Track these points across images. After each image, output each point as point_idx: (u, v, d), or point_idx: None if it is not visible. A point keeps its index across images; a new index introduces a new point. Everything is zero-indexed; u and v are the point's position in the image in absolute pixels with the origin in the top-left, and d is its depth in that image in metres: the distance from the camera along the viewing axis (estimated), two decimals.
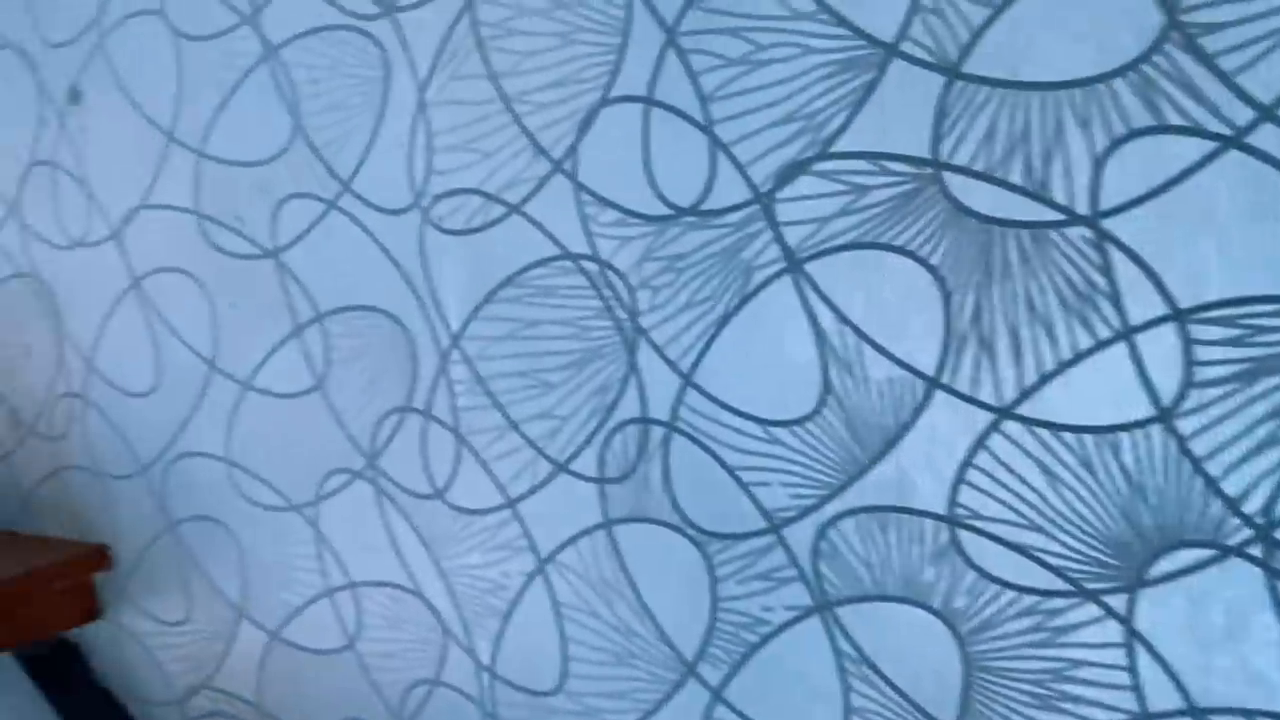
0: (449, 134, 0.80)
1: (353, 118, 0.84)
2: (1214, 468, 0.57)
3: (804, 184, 0.68)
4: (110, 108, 0.96)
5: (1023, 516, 0.64)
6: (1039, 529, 0.63)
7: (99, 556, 1.04)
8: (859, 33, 0.65)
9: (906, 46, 0.63)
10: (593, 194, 0.75)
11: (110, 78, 0.96)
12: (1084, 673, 0.63)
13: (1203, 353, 0.57)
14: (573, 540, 0.79)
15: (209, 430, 0.96)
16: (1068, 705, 0.63)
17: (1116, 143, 0.58)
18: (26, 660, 1.05)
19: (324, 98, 0.85)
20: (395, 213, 0.83)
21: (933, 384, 0.65)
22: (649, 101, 0.72)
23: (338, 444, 0.89)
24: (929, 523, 0.66)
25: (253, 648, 0.96)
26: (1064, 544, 0.63)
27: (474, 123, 0.79)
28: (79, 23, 0.97)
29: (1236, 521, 0.57)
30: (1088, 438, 0.61)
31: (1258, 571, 0.57)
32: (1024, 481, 0.63)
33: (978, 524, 0.65)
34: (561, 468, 0.79)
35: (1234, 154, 0.55)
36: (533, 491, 0.80)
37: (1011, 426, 0.63)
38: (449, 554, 0.84)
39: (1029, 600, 0.64)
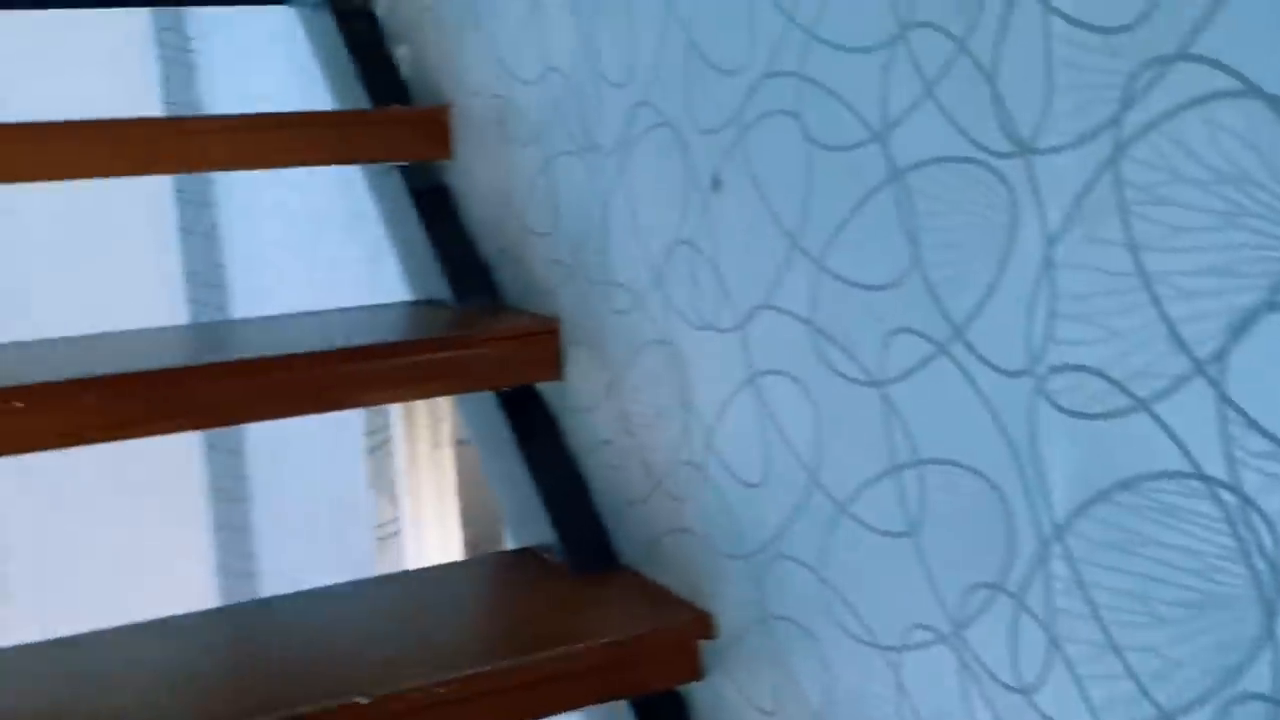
0: (1075, 301, 0.68)
1: (972, 259, 0.75)
2: None
3: None
4: (744, 202, 0.95)
5: None
6: None
7: (705, 625, 1.07)
8: None
9: None
10: (1241, 412, 0.60)
11: (746, 171, 0.95)
12: None
13: None
14: None
15: (806, 540, 0.93)
16: None
17: None
18: (636, 708, 1.12)
19: (944, 232, 0.77)
20: (1008, 374, 0.74)
21: None
22: None
23: (924, 599, 0.82)
24: None
25: None
26: None
27: (1105, 294, 0.67)
28: (725, 112, 0.96)
29: None
30: None
31: None
32: None
33: None
34: None
35: None
36: None
37: None
38: None
39: None
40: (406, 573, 1.27)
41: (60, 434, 1.10)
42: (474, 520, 2.26)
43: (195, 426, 1.18)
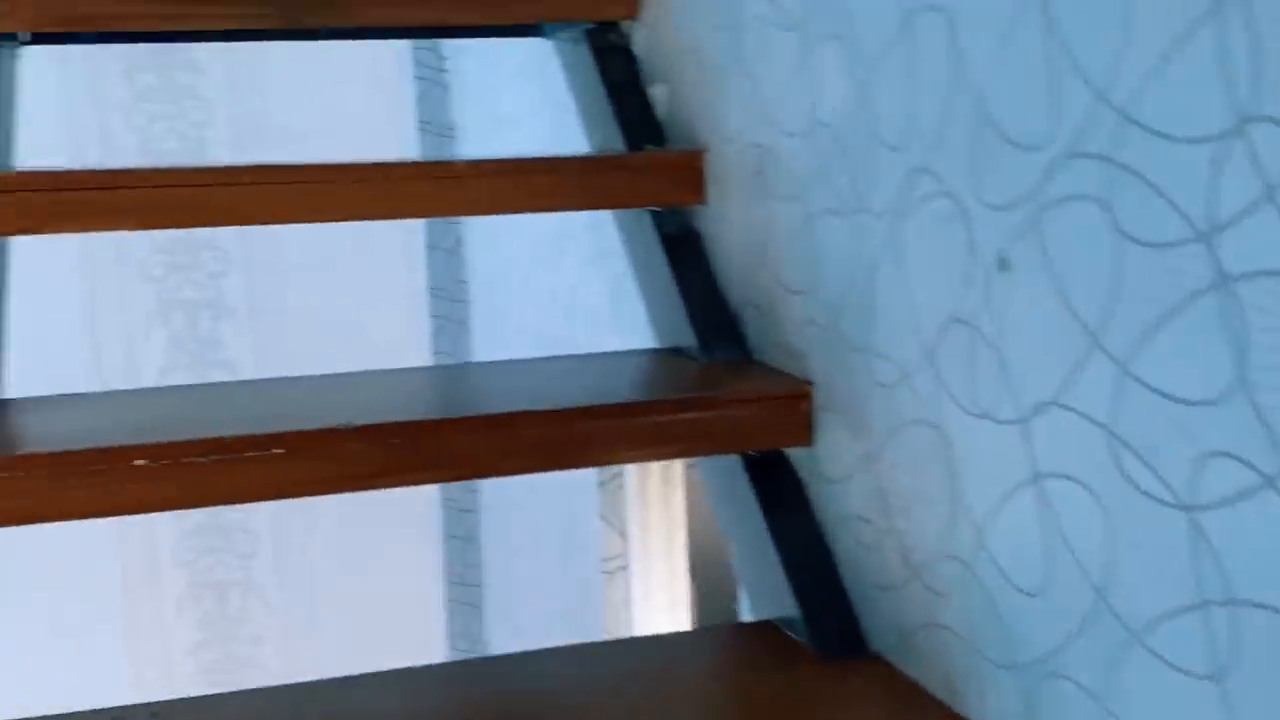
0: None
1: None
2: None
3: None
4: (1036, 288, 0.88)
5: None
6: None
7: None
8: None
9: None
10: None
11: (1040, 255, 0.87)
12: None
13: None
14: None
15: (1090, 663, 0.85)
16: None
17: None
18: None
19: (1279, 353, 0.68)
20: None
21: None
22: None
23: None
24: None
25: None
26: None
27: None
28: (1018, 190, 0.89)
29: None
30: None
31: None
32: None
33: None
34: None
35: None
36: None
37: None
38: None
39: None
40: (641, 639, 1.23)
41: (318, 481, 1.11)
42: (698, 541, 2.22)
43: (440, 479, 1.18)
